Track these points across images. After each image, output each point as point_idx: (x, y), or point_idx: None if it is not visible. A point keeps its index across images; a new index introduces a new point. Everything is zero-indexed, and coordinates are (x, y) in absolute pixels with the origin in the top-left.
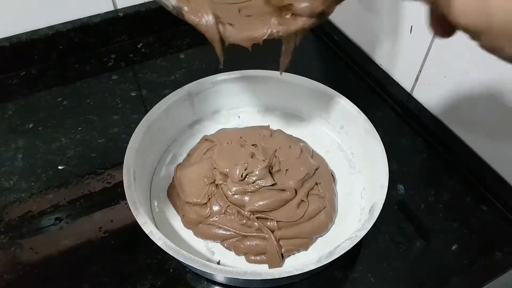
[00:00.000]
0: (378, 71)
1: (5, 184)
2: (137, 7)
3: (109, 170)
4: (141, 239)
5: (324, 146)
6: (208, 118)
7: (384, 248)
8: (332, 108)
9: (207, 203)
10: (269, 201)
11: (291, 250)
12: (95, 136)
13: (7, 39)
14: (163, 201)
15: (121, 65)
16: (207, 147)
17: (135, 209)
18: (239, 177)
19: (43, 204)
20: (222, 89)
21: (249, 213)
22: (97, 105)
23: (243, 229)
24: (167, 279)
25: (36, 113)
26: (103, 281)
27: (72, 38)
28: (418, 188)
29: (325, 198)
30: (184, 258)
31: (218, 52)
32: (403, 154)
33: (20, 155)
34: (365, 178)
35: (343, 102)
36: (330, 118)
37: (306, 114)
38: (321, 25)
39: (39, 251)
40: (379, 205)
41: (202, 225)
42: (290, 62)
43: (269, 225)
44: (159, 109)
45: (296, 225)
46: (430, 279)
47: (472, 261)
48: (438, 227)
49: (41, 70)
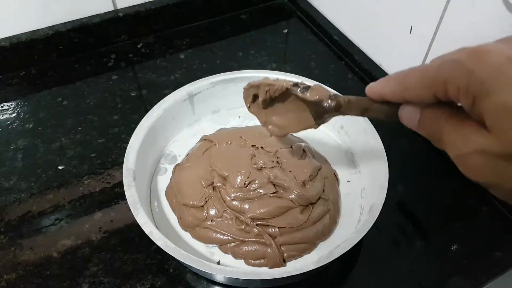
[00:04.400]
0: (378, 71)
1: (5, 184)
2: (137, 7)
3: (109, 170)
4: (141, 239)
5: (324, 146)
6: (208, 118)
7: (384, 248)
8: None
9: (204, 206)
10: (271, 208)
11: (294, 256)
12: (95, 136)
13: (7, 39)
14: (163, 201)
15: (121, 65)
16: (206, 147)
17: (135, 209)
18: (241, 184)
19: (43, 204)
20: (222, 89)
21: (249, 219)
22: (97, 105)
23: (241, 234)
24: (167, 279)
25: (36, 113)
26: (103, 281)
27: (72, 38)
28: (418, 188)
29: (330, 201)
30: (184, 258)
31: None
32: (403, 154)
33: (20, 155)
34: (365, 178)
35: None
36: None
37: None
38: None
39: (39, 251)
40: (379, 205)
41: (199, 229)
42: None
43: (270, 231)
44: (159, 109)
45: (299, 230)
46: (430, 279)
47: (472, 261)
48: (438, 227)
49: (41, 70)
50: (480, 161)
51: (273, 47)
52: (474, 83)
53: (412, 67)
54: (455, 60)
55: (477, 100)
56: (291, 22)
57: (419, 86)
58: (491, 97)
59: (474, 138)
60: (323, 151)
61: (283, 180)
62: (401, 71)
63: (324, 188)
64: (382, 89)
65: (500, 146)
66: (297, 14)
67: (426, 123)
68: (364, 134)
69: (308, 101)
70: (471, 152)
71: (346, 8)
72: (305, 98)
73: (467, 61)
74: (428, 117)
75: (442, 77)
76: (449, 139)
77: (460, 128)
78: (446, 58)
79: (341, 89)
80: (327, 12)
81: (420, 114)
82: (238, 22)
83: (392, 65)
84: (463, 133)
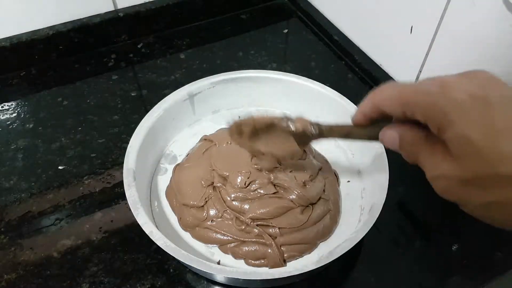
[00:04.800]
0: (378, 71)
1: (5, 184)
2: (137, 7)
3: (109, 170)
4: (141, 239)
5: (324, 146)
6: (208, 118)
7: (384, 248)
8: (332, 108)
9: (204, 206)
10: (271, 208)
11: (294, 256)
12: (95, 136)
13: (7, 39)
14: (163, 201)
15: (121, 65)
16: (206, 146)
17: (135, 209)
18: (241, 184)
19: (43, 204)
20: (222, 89)
21: (250, 220)
22: (97, 105)
23: (241, 234)
24: (167, 279)
25: (36, 113)
26: (103, 281)
27: (72, 38)
28: (418, 188)
29: (330, 201)
30: (184, 258)
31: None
32: None
33: (20, 155)
34: (365, 178)
35: (343, 102)
36: (329, 118)
37: (306, 114)
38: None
39: (39, 251)
40: (379, 205)
41: (199, 229)
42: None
43: (270, 231)
44: (159, 109)
45: (300, 230)
46: (430, 279)
47: (472, 261)
48: (438, 227)
49: (41, 70)
50: (445, 184)
51: (273, 47)
52: (439, 114)
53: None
54: (428, 91)
55: (441, 130)
56: (291, 22)
57: (394, 103)
58: (453, 129)
59: (441, 164)
60: (323, 151)
61: (284, 180)
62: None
63: (324, 188)
64: (365, 103)
65: (462, 171)
66: (297, 14)
67: (405, 146)
68: None
69: (293, 132)
70: (439, 175)
71: (346, 8)
72: (289, 130)
73: (436, 94)
74: (406, 141)
75: (413, 102)
76: (424, 162)
77: (432, 152)
78: (422, 85)
79: (341, 89)
80: (327, 12)
81: (399, 138)
82: (238, 22)
83: (392, 65)
84: (433, 158)
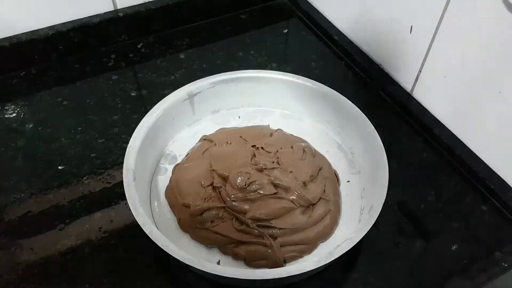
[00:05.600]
0: (378, 71)
1: (5, 184)
2: (137, 7)
3: (109, 170)
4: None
5: (324, 146)
6: (208, 118)
7: (384, 248)
8: (332, 108)
9: (203, 206)
10: (271, 209)
11: (294, 257)
12: (95, 136)
13: (7, 39)
14: (163, 201)
15: (121, 65)
16: (206, 146)
17: (135, 209)
18: (241, 184)
19: (43, 204)
20: (222, 89)
21: (250, 220)
22: (97, 105)
23: (241, 235)
24: (167, 279)
25: (36, 113)
26: (103, 281)
27: (72, 38)
28: (418, 188)
29: (330, 201)
30: (184, 258)
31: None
32: (403, 154)
33: (20, 155)
34: (365, 178)
35: (343, 102)
36: (330, 118)
37: (306, 114)
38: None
39: (39, 251)
40: (379, 205)
41: (198, 229)
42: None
43: (270, 232)
44: (159, 109)
45: (300, 231)
46: (430, 279)
47: (472, 261)
48: (438, 227)
49: (41, 70)
50: None
51: (273, 47)
52: None
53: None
54: None
55: None
56: (291, 22)
57: None
58: None
59: None
60: (323, 151)
61: (284, 180)
62: None
63: (325, 189)
64: None
65: None
66: (297, 14)
67: None
68: (364, 134)
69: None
70: None
71: (346, 8)
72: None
73: None
74: None
75: None
76: None
77: None
78: None
79: (341, 89)
80: (327, 12)
81: None
82: (238, 22)
83: (392, 65)
84: None
